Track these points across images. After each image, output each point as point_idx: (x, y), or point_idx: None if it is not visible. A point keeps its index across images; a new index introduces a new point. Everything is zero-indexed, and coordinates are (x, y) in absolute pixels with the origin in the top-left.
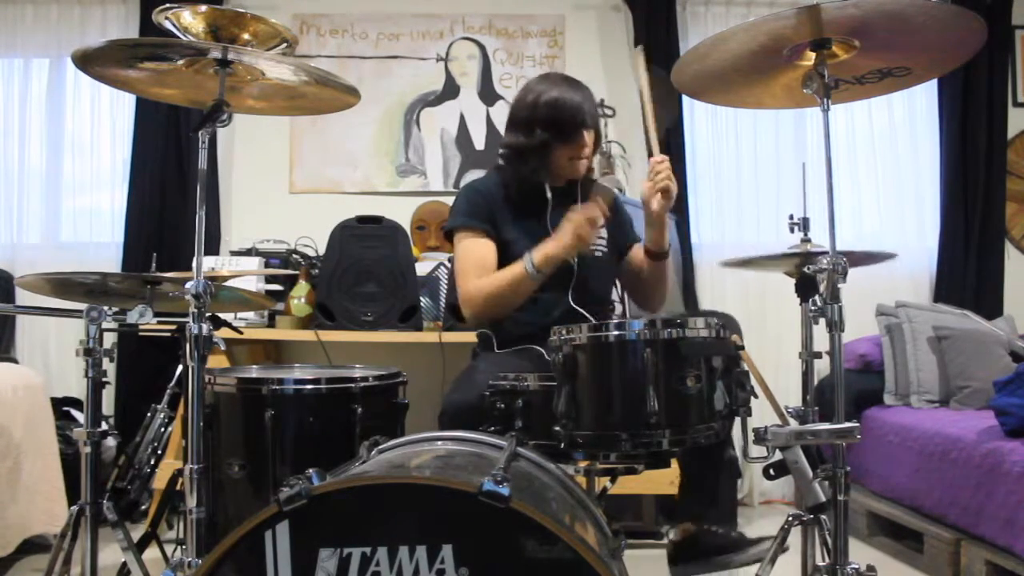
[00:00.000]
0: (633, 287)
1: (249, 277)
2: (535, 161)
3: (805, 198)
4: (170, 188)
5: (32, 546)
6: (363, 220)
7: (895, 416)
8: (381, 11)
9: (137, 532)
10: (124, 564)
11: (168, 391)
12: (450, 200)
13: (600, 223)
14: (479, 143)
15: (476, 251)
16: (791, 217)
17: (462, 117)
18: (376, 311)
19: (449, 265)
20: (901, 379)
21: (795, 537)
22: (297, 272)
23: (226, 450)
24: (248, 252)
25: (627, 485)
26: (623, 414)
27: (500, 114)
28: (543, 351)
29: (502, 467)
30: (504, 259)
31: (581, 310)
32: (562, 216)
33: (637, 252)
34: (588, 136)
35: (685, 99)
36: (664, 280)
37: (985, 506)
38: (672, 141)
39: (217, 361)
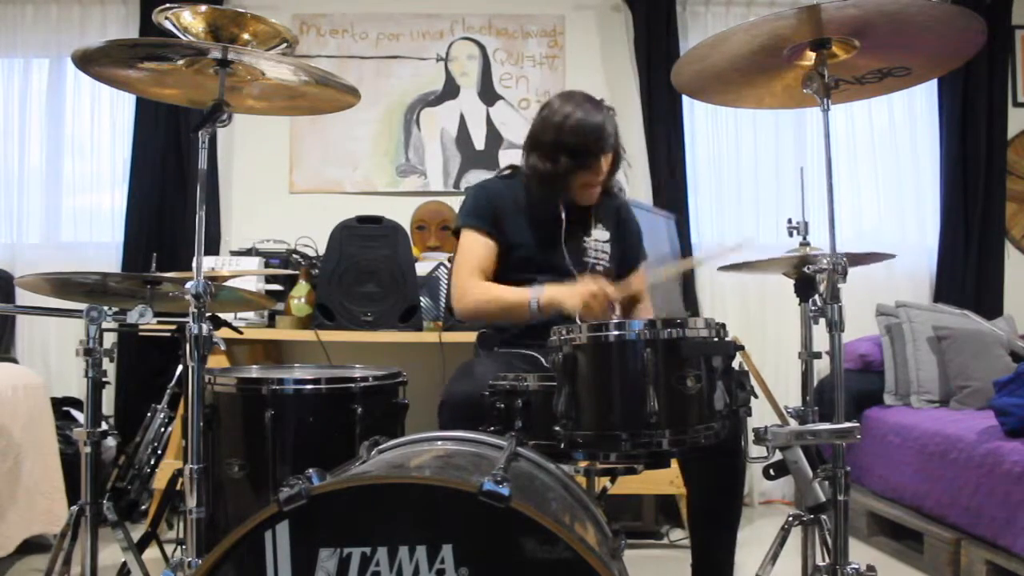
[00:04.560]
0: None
1: (249, 277)
2: (557, 186)
3: (804, 202)
4: (170, 188)
5: (32, 546)
6: (363, 220)
7: (895, 416)
8: (381, 11)
9: (137, 532)
10: (124, 564)
11: (168, 391)
12: (450, 200)
13: (615, 308)
14: (479, 143)
15: (476, 249)
16: (789, 221)
17: (462, 117)
18: (376, 311)
19: (449, 265)
20: (901, 379)
21: (795, 537)
22: (297, 272)
23: (226, 450)
24: (248, 252)
25: (627, 485)
26: (623, 414)
27: (500, 114)
28: (542, 358)
29: (502, 467)
30: (507, 260)
31: (578, 322)
32: (575, 236)
33: (638, 277)
34: (605, 161)
35: (685, 99)
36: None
37: (985, 506)
38: (672, 142)
39: (217, 361)
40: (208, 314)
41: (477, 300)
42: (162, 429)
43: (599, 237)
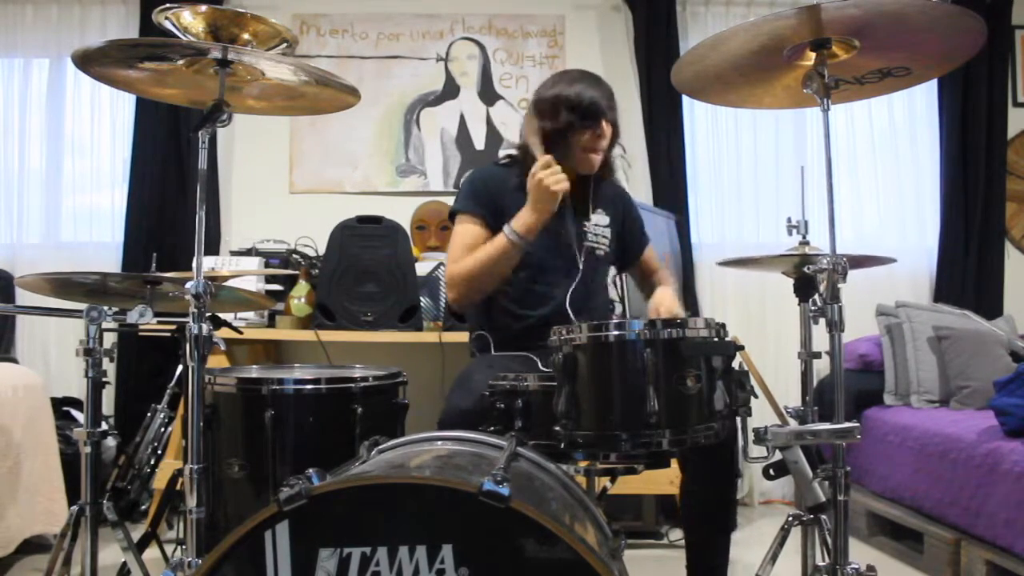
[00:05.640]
0: (645, 288)
1: (249, 277)
2: (558, 146)
3: (804, 201)
4: (170, 188)
5: (32, 546)
6: (363, 220)
7: (895, 416)
8: (381, 11)
9: (137, 532)
10: (124, 564)
11: (168, 391)
12: (450, 200)
13: (552, 168)
14: (479, 143)
15: (468, 237)
16: (789, 220)
17: (462, 117)
18: (376, 311)
19: None
20: (901, 379)
21: (795, 537)
22: (297, 272)
23: (226, 450)
24: (248, 252)
25: (627, 485)
26: (623, 414)
27: (500, 114)
28: (538, 360)
29: (502, 467)
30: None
31: (570, 312)
32: (574, 218)
33: (649, 256)
34: (606, 127)
35: (685, 99)
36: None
37: (985, 506)
38: (672, 142)
39: (217, 361)
40: (208, 314)
41: (463, 275)
42: (162, 429)
43: (598, 221)
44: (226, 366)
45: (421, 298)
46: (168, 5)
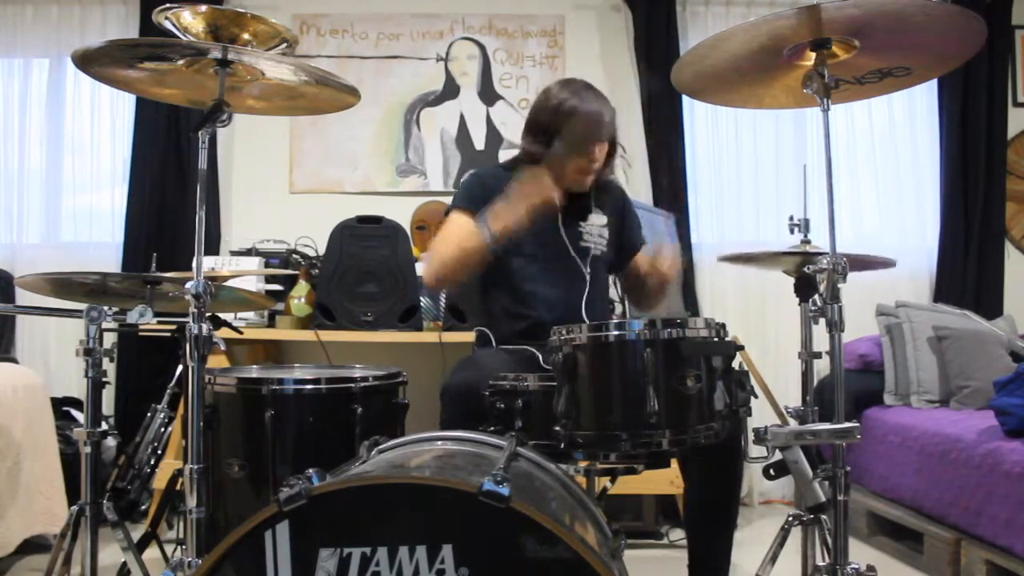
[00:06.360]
0: (633, 290)
1: (249, 277)
2: (551, 162)
3: (805, 200)
4: (170, 188)
5: (32, 546)
6: (363, 220)
7: (895, 416)
8: (381, 11)
9: (137, 532)
10: (124, 564)
11: (168, 391)
12: (450, 200)
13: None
14: (479, 143)
15: (453, 227)
16: (791, 218)
17: (462, 117)
18: (376, 311)
19: None
20: (901, 379)
21: (795, 537)
22: (297, 272)
23: (226, 450)
24: (248, 252)
25: (627, 485)
26: (623, 414)
27: (500, 114)
28: (539, 355)
29: (502, 467)
30: (503, 245)
31: (584, 316)
32: (572, 220)
33: (642, 258)
34: (600, 150)
35: (685, 99)
36: (664, 295)
37: (985, 506)
38: (672, 142)
39: (217, 361)
40: (208, 314)
41: (439, 258)
42: (162, 429)
43: (596, 222)
44: (226, 366)
45: (421, 298)
46: (168, 5)
